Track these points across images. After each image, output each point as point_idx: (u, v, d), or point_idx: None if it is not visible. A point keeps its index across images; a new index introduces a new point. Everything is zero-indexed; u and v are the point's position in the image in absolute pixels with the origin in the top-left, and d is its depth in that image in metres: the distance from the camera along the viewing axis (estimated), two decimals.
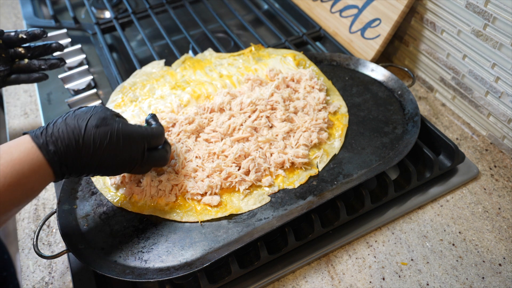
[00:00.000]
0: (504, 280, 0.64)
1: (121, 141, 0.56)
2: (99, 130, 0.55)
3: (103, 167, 0.57)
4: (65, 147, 0.53)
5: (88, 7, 1.15)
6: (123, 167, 0.59)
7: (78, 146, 0.53)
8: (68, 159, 0.53)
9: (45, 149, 0.52)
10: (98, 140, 0.54)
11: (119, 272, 0.58)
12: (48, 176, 0.53)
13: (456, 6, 0.81)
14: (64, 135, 0.53)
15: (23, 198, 0.52)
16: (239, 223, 0.65)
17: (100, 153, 0.55)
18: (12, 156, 0.50)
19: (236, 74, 0.88)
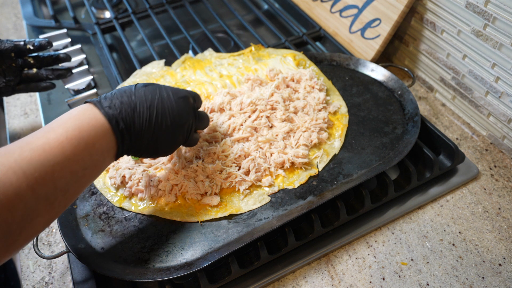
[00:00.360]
0: (504, 280, 0.64)
1: (170, 95, 0.59)
2: (148, 88, 0.58)
3: (161, 129, 0.57)
4: (120, 106, 0.54)
5: (88, 7, 1.15)
6: (180, 126, 0.60)
7: (132, 103, 0.55)
8: (126, 121, 0.54)
9: (105, 112, 0.53)
10: (149, 95, 0.56)
11: (119, 272, 0.58)
12: (111, 142, 0.53)
13: (456, 6, 0.81)
14: (117, 95, 0.55)
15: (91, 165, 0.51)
16: (239, 223, 0.65)
17: (153, 109, 0.56)
18: (81, 122, 0.50)
19: (236, 74, 0.88)
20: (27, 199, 0.43)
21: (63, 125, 0.49)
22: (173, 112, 0.58)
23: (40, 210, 0.45)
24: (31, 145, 0.46)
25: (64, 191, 0.47)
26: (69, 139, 0.48)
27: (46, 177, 0.45)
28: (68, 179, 0.48)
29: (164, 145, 0.60)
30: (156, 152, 0.60)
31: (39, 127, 0.89)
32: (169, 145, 0.61)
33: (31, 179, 0.43)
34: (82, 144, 0.49)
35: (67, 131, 0.49)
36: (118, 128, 0.53)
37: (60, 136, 0.48)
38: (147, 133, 0.56)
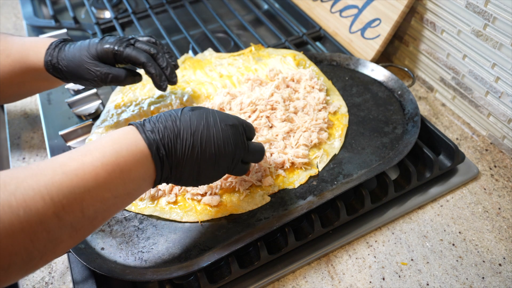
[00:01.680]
0: (504, 280, 0.64)
1: (218, 121, 0.55)
2: (195, 112, 0.55)
3: (204, 158, 0.53)
4: (164, 131, 0.51)
5: (88, 7, 1.15)
6: (225, 155, 0.55)
7: (176, 128, 0.52)
8: (168, 147, 0.51)
9: (146, 136, 0.50)
10: (194, 121, 0.53)
11: (119, 272, 0.58)
12: (149, 169, 0.50)
13: (456, 6, 0.81)
14: (162, 119, 0.53)
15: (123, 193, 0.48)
16: (239, 223, 0.65)
17: (198, 136, 0.53)
18: (120, 146, 0.48)
19: (236, 74, 0.88)
20: (51, 228, 0.41)
21: (101, 148, 0.47)
22: (218, 140, 0.54)
23: (63, 237, 0.43)
24: (65, 167, 0.43)
25: (92, 219, 0.45)
26: (104, 164, 0.45)
27: (74, 205, 0.43)
28: (98, 207, 0.45)
29: (206, 174, 0.56)
30: (198, 181, 0.56)
31: (39, 127, 0.89)
32: (212, 174, 0.56)
33: (58, 206, 0.41)
34: (117, 171, 0.46)
35: (104, 155, 0.46)
36: (159, 155, 0.50)
37: (96, 160, 0.45)
38: (189, 161, 0.53)
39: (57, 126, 0.85)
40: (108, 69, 0.68)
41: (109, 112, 0.81)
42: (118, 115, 0.80)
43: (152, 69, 0.69)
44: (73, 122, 0.86)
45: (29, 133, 0.89)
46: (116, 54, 0.68)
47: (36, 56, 0.67)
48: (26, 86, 0.72)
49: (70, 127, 0.80)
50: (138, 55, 0.68)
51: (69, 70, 0.68)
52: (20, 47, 0.68)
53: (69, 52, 0.68)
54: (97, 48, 0.67)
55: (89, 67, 0.67)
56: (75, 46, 0.68)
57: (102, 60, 0.68)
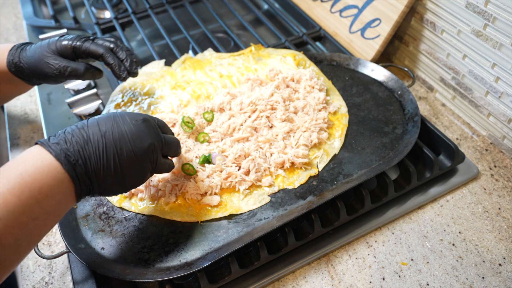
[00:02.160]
0: (504, 280, 0.64)
1: (127, 119, 0.53)
2: (101, 117, 0.54)
3: (123, 157, 0.51)
4: (71, 139, 0.49)
5: (88, 7, 1.15)
6: (143, 150, 0.53)
7: (84, 134, 0.50)
8: (80, 154, 0.49)
9: (52, 149, 0.48)
10: (103, 123, 0.52)
11: (119, 272, 0.58)
12: (64, 182, 0.48)
13: (456, 6, 0.81)
14: (68, 130, 0.51)
15: (42, 213, 0.46)
16: (239, 223, 0.65)
17: (110, 136, 0.51)
18: (25, 167, 0.46)
19: (236, 74, 0.88)
20: None
21: (5, 174, 0.44)
22: (133, 136, 0.53)
23: None
24: None
25: (15, 247, 0.43)
26: (11, 189, 0.43)
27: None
28: (17, 234, 0.43)
29: (130, 174, 0.53)
30: (124, 185, 0.54)
31: (39, 127, 0.89)
32: (137, 173, 0.55)
33: None
34: (26, 192, 0.44)
35: (9, 180, 0.44)
36: (70, 164, 0.48)
37: (2, 187, 0.43)
38: (108, 164, 0.50)
39: (57, 126, 0.85)
40: (67, 63, 0.70)
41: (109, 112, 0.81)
42: None
43: (111, 60, 0.71)
44: (73, 122, 0.86)
45: (29, 133, 0.89)
46: (75, 48, 0.70)
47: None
48: None
49: None
50: (96, 48, 0.70)
51: (30, 67, 0.69)
52: None
53: (30, 51, 0.70)
54: (56, 44, 0.70)
55: (48, 61, 0.69)
56: (36, 45, 0.71)
57: (62, 55, 0.70)
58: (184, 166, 0.69)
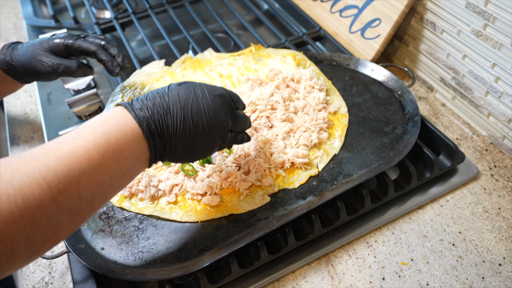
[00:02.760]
0: (504, 280, 0.64)
1: (206, 93, 0.54)
2: (182, 86, 0.54)
3: (197, 131, 0.53)
4: (153, 108, 0.51)
5: (88, 7, 1.15)
6: (217, 125, 0.55)
7: (165, 104, 0.52)
8: (159, 123, 0.51)
9: (136, 114, 0.50)
10: (183, 95, 0.53)
11: (119, 272, 0.58)
12: (142, 147, 0.50)
13: (456, 6, 0.81)
14: (150, 96, 0.52)
15: (119, 174, 0.48)
16: (239, 223, 0.65)
17: (188, 109, 0.52)
18: (110, 127, 0.47)
19: (236, 74, 0.88)
20: (50, 212, 0.41)
21: (91, 131, 0.47)
22: (210, 112, 0.54)
23: (63, 221, 0.43)
24: (57, 152, 0.43)
25: (90, 201, 0.45)
26: (96, 146, 0.45)
27: (71, 189, 0.43)
28: (94, 189, 0.45)
29: (200, 147, 0.55)
30: (193, 155, 0.56)
31: (39, 127, 0.89)
32: (206, 147, 0.56)
33: (55, 191, 0.41)
34: (110, 151, 0.46)
35: (95, 137, 0.46)
36: (150, 132, 0.50)
37: (88, 143, 0.45)
38: (182, 136, 0.53)
39: (57, 126, 0.85)
40: (59, 60, 0.71)
41: None
42: None
43: (103, 56, 0.72)
44: (73, 122, 0.86)
45: (29, 133, 0.89)
46: (67, 45, 0.71)
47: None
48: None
49: (70, 127, 0.80)
50: (88, 45, 0.72)
51: (23, 65, 0.70)
52: None
53: (22, 49, 0.71)
54: (48, 42, 0.71)
55: (41, 58, 0.70)
56: (28, 43, 0.72)
57: (55, 53, 0.71)
58: (184, 166, 0.69)
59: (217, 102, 0.55)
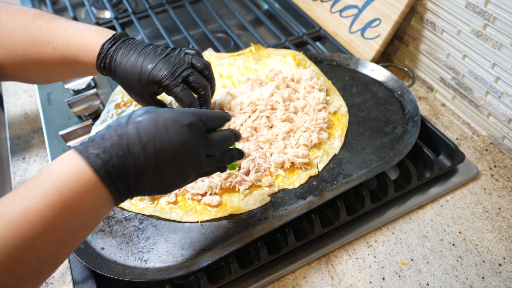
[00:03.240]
0: (504, 280, 0.64)
1: (170, 127, 0.48)
2: (143, 120, 0.48)
3: (164, 168, 0.48)
4: (111, 150, 0.45)
5: (88, 7, 1.15)
6: (185, 159, 0.50)
7: (124, 144, 0.46)
8: (119, 167, 0.46)
9: (91, 161, 0.44)
10: (144, 132, 0.47)
11: (119, 272, 0.58)
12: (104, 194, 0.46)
13: (456, 6, 0.81)
14: (107, 136, 0.46)
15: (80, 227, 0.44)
16: (239, 223, 0.65)
17: (151, 147, 0.47)
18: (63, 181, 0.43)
19: (236, 74, 0.88)
20: (8, 286, 0.38)
21: (43, 187, 0.42)
22: (176, 146, 0.48)
23: (23, 287, 0.40)
24: (6, 218, 0.39)
25: (52, 261, 0.42)
26: (49, 205, 0.41)
27: (26, 256, 0.39)
28: (54, 249, 0.42)
29: (171, 182, 0.51)
30: (166, 190, 0.52)
31: (39, 127, 0.89)
32: (179, 180, 0.52)
33: (8, 263, 0.38)
34: (65, 208, 0.42)
35: (47, 195, 0.41)
36: (110, 178, 0.45)
37: (39, 203, 0.41)
38: (148, 174, 0.48)
39: (57, 126, 0.85)
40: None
41: (109, 112, 0.81)
42: (118, 115, 0.80)
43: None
44: (73, 122, 0.86)
45: (29, 133, 0.89)
46: (165, 88, 0.66)
47: (88, 58, 0.67)
48: (76, 75, 0.75)
49: (70, 127, 0.80)
50: (183, 97, 0.66)
51: (120, 83, 0.68)
52: (68, 44, 0.66)
53: (121, 68, 0.66)
54: (148, 79, 0.65)
55: (135, 95, 0.68)
56: (128, 62, 0.66)
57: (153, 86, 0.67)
58: None
59: (184, 134, 0.49)
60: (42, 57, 0.67)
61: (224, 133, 0.56)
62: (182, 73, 0.66)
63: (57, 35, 0.67)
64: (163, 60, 0.65)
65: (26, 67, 0.68)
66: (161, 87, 0.66)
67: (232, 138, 0.57)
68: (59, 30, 0.67)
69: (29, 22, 0.67)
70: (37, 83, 0.80)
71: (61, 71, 0.71)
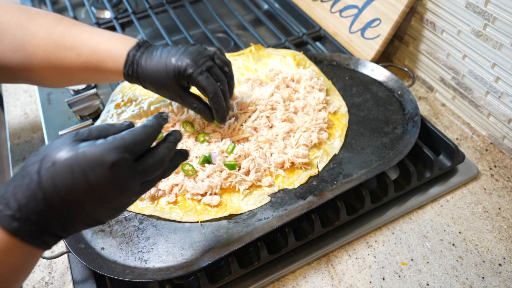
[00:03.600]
0: (504, 280, 0.64)
1: (91, 171, 0.42)
2: (57, 169, 0.42)
3: (91, 211, 0.45)
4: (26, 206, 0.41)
5: (88, 7, 1.15)
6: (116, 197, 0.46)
7: (40, 198, 0.41)
8: (41, 223, 0.42)
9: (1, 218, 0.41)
10: (59, 182, 0.42)
11: (119, 272, 0.58)
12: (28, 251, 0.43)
13: (456, 6, 0.81)
14: (19, 193, 0.41)
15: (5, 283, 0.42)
16: (239, 223, 0.65)
17: (70, 198, 0.42)
18: None
19: (236, 74, 0.88)
20: None
21: None
22: (100, 191, 0.43)
23: None
24: None
25: None
26: None
27: None
28: None
29: (107, 217, 0.48)
30: (102, 223, 0.49)
31: (39, 127, 0.89)
32: (110, 213, 0.48)
33: None
34: None
35: None
36: (32, 236, 0.42)
37: None
38: (75, 221, 0.44)
39: (57, 126, 0.85)
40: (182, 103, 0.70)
41: (109, 112, 0.81)
42: (118, 115, 0.80)
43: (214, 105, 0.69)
44: (73, 122, 0.86)
45: (29, 133, 0.89)
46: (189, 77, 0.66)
47: (114, 65, 0.67)
48: (98, 81, 0.75)
49: (70, 127, 0.80)
50: (207, 86, 0.66)
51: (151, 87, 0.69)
52: (94, 50, 0.67)
53: (147, 70, 0.67)
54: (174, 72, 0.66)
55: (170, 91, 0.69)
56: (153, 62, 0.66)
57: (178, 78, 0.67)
58: (184, 166, 0.69)
59: (108, 177, 0.43)
60: (64, 62, 0.67)
61: (159, 152, 0.49)
62: (205, 63, 0.66)
63: (82, 41, 0.67)
64: (185, 52, 0.66)
65: (44, 71, 0.68)
66: (185, 78, 0.66)
67: (171, 149, 0.50)
68: (83, 36, 0.67)
69: (51, 26, 0.67)
70: (53, 87, 0.79)
71: (83, 76, 0.71)
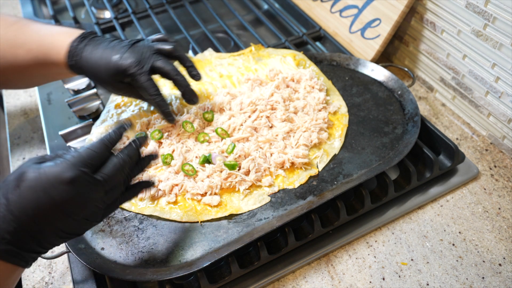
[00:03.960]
0: (504, 280, 0.64)
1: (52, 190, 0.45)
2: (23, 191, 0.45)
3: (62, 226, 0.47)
4: None
5: (88, 7, 1.15)
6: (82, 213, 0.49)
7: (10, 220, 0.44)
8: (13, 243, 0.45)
9: None
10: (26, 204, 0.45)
11: (119, 272, 0.58)
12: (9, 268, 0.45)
13: (456, 6, 0.81)
14: None
15: None
16: (239, 223, 0.65)
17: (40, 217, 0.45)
18: None
19: (236, 74, 0.88)
20: None
21: None
22: (63, 205, 0.46)
23: None
24: None
25: None
26: None
27: None
28: None
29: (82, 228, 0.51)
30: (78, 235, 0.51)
31: (39, 127, 0.89)
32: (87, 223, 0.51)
33: None
34: None
35: None
36: (10, 254, 0.44)
37: None
38: (49, 236, 0.47)
39: (57, 126, 0.85)
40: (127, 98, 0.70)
41: (109, 112, 0.81)
42: (118, 115, 0.80)
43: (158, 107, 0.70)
44: (73, 122, 0.86)
45: (29, 133, 0.89)
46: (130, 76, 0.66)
47: (58, 57, 0.67)
48: (50, 78, 0.74)
49: (70, 127, 0.80)
50: (148, 87, 0.67)
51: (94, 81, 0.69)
52: (40, 44, 0.67)
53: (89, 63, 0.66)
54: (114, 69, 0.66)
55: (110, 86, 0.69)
56: (96, 56, 0.66)
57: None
58: (184, 166, 0.69)
59: (68, 192, 0.46)
60: (17, 60, 0.68)
61: (117, 159, 0.51)
62: (148, 61, 0.66)
63: (31, 37, 0.68)
64: (129, 51, 0.66)
65: (5, 71, 0.69)
66: (127, 77, 0.66)
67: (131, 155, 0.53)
68: (33, 32, 0.68)
69: (7, 26, 0.68)
70: (16, 88, 0.80)
71: (36, 73, 0.70)
